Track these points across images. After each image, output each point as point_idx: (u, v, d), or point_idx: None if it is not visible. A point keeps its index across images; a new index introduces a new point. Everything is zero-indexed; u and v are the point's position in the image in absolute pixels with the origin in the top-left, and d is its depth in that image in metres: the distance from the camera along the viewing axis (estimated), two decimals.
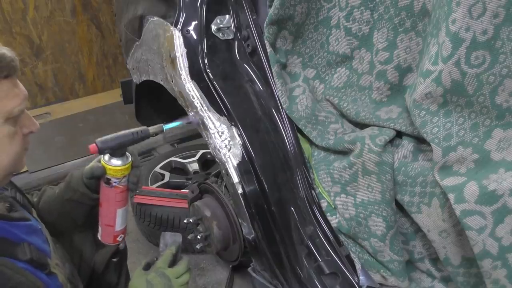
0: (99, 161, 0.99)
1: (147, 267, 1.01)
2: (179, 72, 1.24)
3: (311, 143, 1.25)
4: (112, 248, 1.20)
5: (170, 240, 1.09)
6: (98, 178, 1.00)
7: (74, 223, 1.12)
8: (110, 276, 1.21)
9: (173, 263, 1.03)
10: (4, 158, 0.82)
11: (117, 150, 0.98)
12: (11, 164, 0.84)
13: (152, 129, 1.02)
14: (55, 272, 0.91)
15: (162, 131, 1.04)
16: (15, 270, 0.80)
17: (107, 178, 0.99)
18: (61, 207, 1.08)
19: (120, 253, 1.23)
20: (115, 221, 1.04)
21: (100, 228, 1.06)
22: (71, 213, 1.09)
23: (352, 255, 1.14)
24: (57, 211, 1.09)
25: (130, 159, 1.00)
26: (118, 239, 1.06)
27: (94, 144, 0.95)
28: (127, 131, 0.99)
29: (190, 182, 2.20)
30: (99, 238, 1.07)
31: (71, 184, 1.06)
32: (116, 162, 0.98)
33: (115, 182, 0.99)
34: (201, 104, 1.20)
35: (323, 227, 1.15)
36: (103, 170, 0.98)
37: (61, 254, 1.03)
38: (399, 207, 1.08)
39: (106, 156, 0.98)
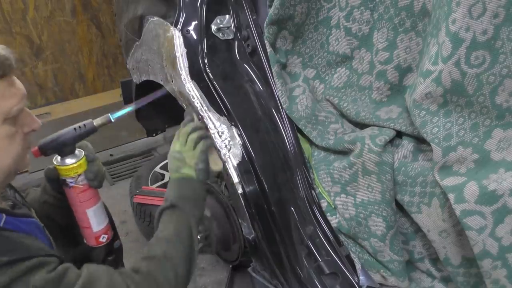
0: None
1: None
2: (179, 72, 1.24)
3: (311, 143, 1.25)
4: (105, 247, 1.17)
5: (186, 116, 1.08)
6: (55, 180, 0.97)
7: (58, 226, 1.10)
8: (97, 246, 1.20)
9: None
10: (4, 159, 0.81)
11: (63, 149, 0.93)
12: (12, 165, 0.83)
13: (97, 120, 0.98)
14: None
15: (109, 121, 1.00)
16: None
17: (63, 180, 0.95)
18: (40, 210, 1.06)
19: (115, 252, 1.21)
20: (89, 222, 1.00)
21: (81, 231, 1.03)
22: (52, 216, 1.07)
23: (352, 255, 1.13)
24: (38, 213, 1.06)
25: (82, 156, 0.96)
26: (100, 239, 1.02)
27: (36, 147, 0.91)
28: (69, 127, 0.95)
29: None
30: (85, 241, 1.03)
31: (45, 187, 1.04)
32: (67, 161, 0.94)
33: (71, 182, 0.95)
34: (201, 104, 1.20)
35: (323, 227, 1.15)
36: (55, 172, 0.95)
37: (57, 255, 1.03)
38: (399, 207, 1.08)
39: (58, 157, 0.94)
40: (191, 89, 1.22)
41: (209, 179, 1.05)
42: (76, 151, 0.96)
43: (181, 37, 1.26)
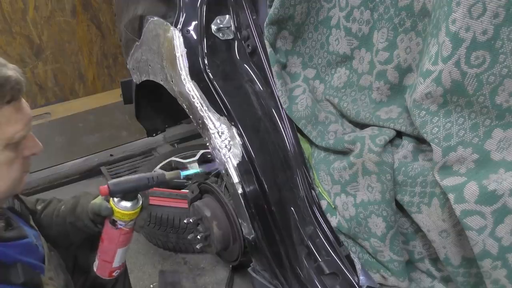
0: (108, 200, 0.95)
1: None
2: (179, 72, 1.24)
3: (311, 143, 1.25)
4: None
5: (170, 279, 1.06)
6: (99, 216, 0.97)
7: (70, 241, 1.10)
8: (107, 278, 1.21)
9: None
10: (1, 184, 0.81)
11: (129, 194, 0.94)
12: (9, 189, 0.83)
13: (169, 174, 0.99)
14: None
15: (179, 177, 1.01)
16: None
17: (113, 220, 0.95)
18: (61, 227, 1.06)
19: None
20: (114, 258, 1.01)
21: (97, 261, 1.03)
22: (70, 235, 1.08)
23: (352, 255, 1.13)
24: (57, 228, 1.07)
25: (140, 203, 0.96)
26: (114, 274, 1.03)
27: (106, 186, 0.91)
28: (142, 175, 0.95)
29: (190, 182, 2.19)
30: (94, 269, 1.03)
31: (76, 210, 1.04)
32: (125, 205, 0.94)
33: (121, 225, 0.96)
34: (201, 104, 1.20)
35: (323, 227, 1.15)
36: (111, 212, 0.94)
37: (55, 263, 1.02)
38: (399, 207, 1.08)
39: (116, 198, 0.94)
40: (191, 89, 1.22)
41: None
42: (137, 198, 0.97)
43: (181, 37, 1.26)
